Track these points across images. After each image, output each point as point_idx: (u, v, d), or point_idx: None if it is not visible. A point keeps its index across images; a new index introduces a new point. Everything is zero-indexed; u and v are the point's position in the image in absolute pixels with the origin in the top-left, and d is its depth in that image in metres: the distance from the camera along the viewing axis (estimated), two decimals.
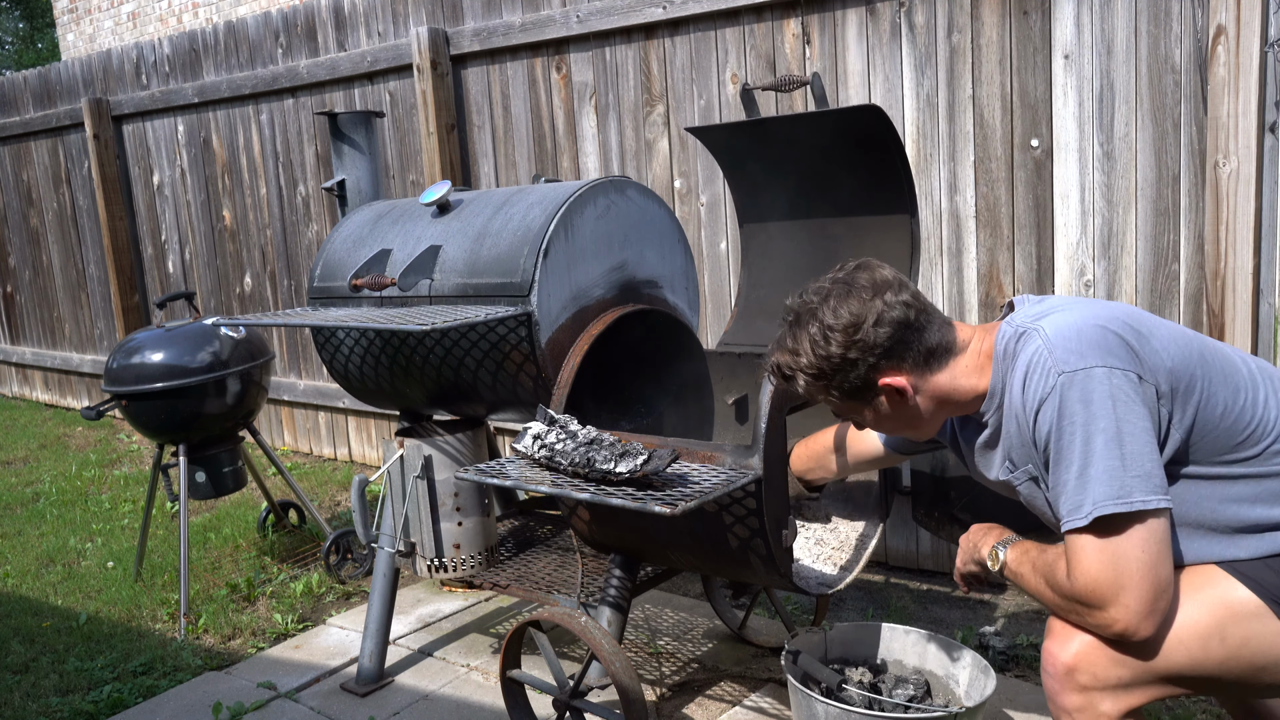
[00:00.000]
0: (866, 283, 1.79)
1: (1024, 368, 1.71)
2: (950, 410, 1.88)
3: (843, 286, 1.81)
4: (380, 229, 2.92)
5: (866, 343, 1.77)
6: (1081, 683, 1.66)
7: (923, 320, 1.80)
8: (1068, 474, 1.63)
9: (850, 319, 1.77)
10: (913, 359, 1.80)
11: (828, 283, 1.84)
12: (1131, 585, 1.58)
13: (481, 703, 2.92)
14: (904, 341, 1.79)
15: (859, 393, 1.83)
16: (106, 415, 4.65)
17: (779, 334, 1.90)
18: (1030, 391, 1.69)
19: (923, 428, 1.91)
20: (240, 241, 5.77)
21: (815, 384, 1.84)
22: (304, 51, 5.15)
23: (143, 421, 3.63)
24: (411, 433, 2.96)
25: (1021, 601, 3.34)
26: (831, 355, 1.79)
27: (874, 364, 1.79)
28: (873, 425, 1.92)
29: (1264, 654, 1.63)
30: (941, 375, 1.83)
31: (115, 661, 3.30)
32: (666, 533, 2.37)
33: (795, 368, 1.84)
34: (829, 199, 2.87)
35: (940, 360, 1.82)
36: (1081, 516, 1.60)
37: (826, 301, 1.80)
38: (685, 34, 3.83)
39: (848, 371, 1.80)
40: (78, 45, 12.57)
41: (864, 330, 1.76)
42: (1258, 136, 2.77)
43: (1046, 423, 1.66)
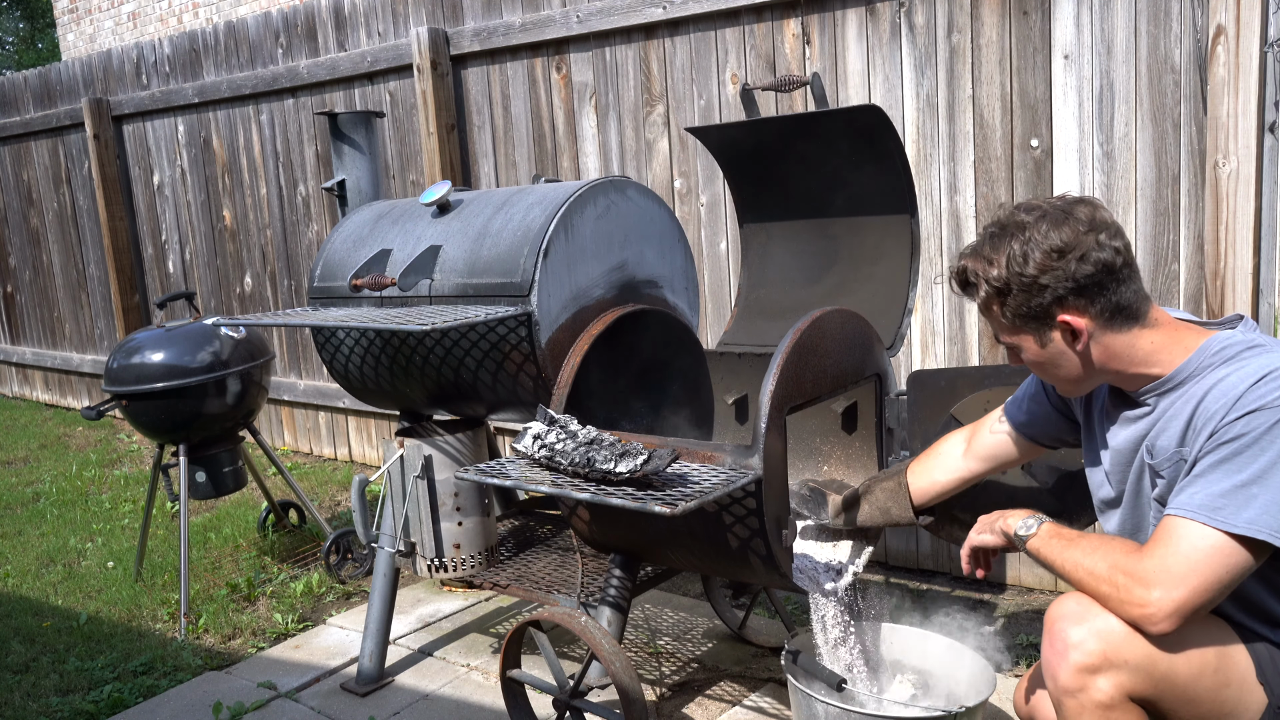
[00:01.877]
0: (1085, 217, 1.75)
1: (1259, 370, 1.67)
2: (1108, 377, 1.85)
3: (1059, 213, 1.76)
4: (380, 229, 2.93)
5: (1065, 273, 1.72)
6: (1084, 660, 1.67)
7: (1125, 274, 1.75)
8: (1228, 477, 1.63)
9: (1059, 244, 1.72)
10: (1100, 306, 1.75)
11: (1045, 205, 1.79)
12: (1188, 589, 1.61)
13: (481, 703, 2.92)
14: (1100, 285, 1.74)
15: (1034, 320, 1.79)
16: (107, 415, 4.65)
17: (976, 241, 1.85)
18: (1256, 392, 1.65)
19: (1075, 381, 1.86)
20: (240, 241, 5.77)
21: (995, 298, 1.80)
22: (304, 51, 5.15)
23: (143, 421, 3.63)
24: (411, 433, 2.96)
25: (1021, 601, 3.34)
26: (1025, 273, 1.74)
27: (1061, 296, 1.74)
28: (1029, 360, 1.87)
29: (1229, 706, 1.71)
30: (1121, 336, 1.78)
31: (115, 661, 3.30)
32: (666, 533, 2.37)
33: (983, 276, 1.79)
34: (829, 199, 2.87)
35: (1126, 321, 1.77)
36: (1218, 519, 1.61)
37: (1039, 222, 1.75)
38: (685, 34, 3.83)
39: (1034, 295, 1.75)
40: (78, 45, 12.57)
41: (1067, 259, 1.72)
42: (1257, 136, 2.77)
43: (1250, 426, 1.64)
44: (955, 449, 2.27)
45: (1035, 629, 3.10)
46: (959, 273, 1.86)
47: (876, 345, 2.59)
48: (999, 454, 2.21)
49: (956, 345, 3.40)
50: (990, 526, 1.96)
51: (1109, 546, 1.73)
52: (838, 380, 2.42)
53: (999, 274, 1.77)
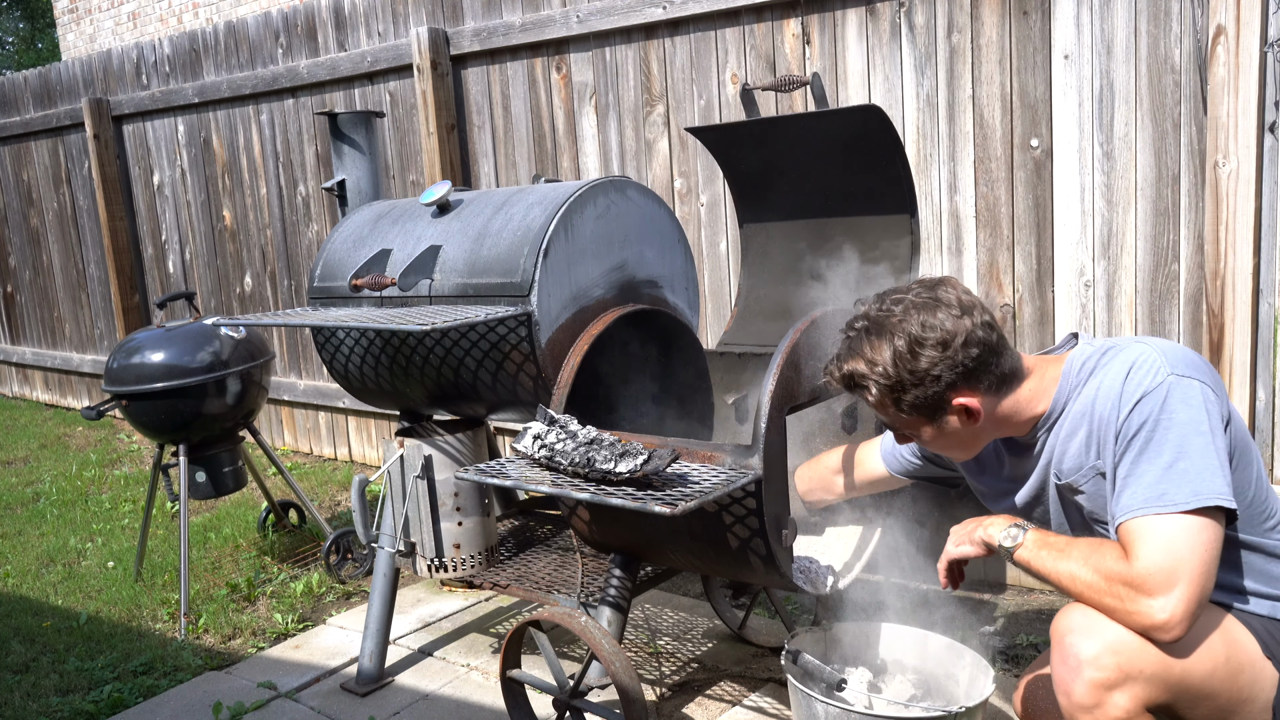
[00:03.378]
0: (953, 300, 1.81)
1: (1125, 366, 1.75)
2: (1001, 432, 1.93)
3: (929, 300, 1.81)
4: (380, 229, 2.93)
5: (953, 360, 1.78)
6: (1101, 677, 1.66)
7: (1001, 345, 1.83)
8: (1153, 464, 1.67)
9: (942, 335, 1.78)
10: (988, 382, 1.83)
11: (909, 295, 1.83)
12: (1186, 580, 1.62)
13: (481, 703, 2.92)
14: (985, 364, 1.81)
15: (929, 409, 1.84)
16: (107, 415, 4.65)
17: (847, 341, 1.89)
18: (1133, 384, 1.72)
19: (971, 448, 1.95)
20: (240, 241, 5.77)
21: (886, 395, 1.84)
22: (304, 51, 5.15)
23: (143, 421, 3.63)
24: (411, 433, 2.96)
25: (1021, 601, 3.34)
26: (917, 369, 1.79)
27: (953, 382, 1.80)
28: (927, 442, 1.94)
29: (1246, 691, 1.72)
30: (1008, 400, 1.86)
31: (115, 661, 3.30)
32: (666, 533, 2.37)
33: (871, 377, 1.84)
34: (829, 199, 2.87)
35: (1009, 385, 1.86)
36: (1166, 504, 1.64)
37: (911, 314, 1.80)
38: (685, 34, 3.83)
39: (927, 387, 1.80)
40: (78, 45, 12.57)
41: (953, 347, 1.78)
42: (1257, 136, 2.77)
43: (1144, 414, 1.70)
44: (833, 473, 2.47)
45: (1035, 629, 3.10)
46: (843, 377, 1.90)
47: None
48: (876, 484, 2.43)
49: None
50: (969, 537, 1.94)
51: (1100, 553, 1.72)
52: None
53: (885, 372, 1.82)
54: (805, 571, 2.50)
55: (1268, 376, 2.90)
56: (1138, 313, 3.06)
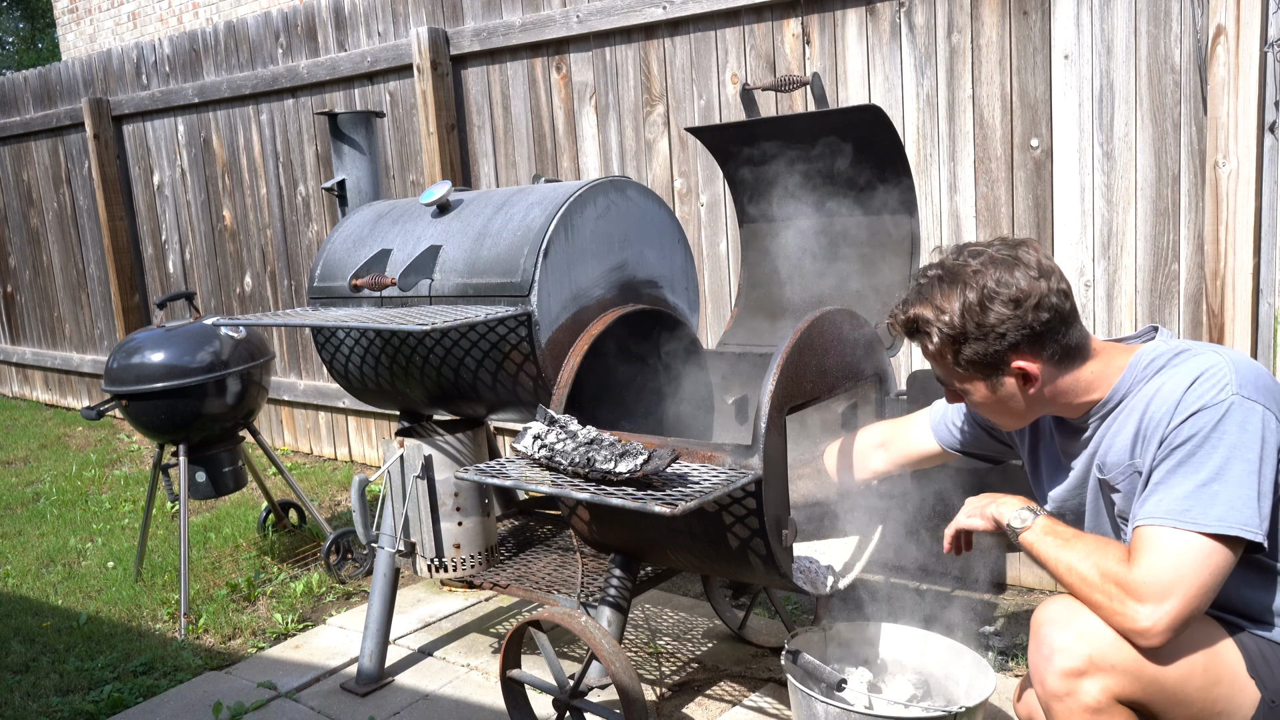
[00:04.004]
0: (1033, 262, 1.76)
1: (1192, 373, 1.70)
2: (1055, 409, 1.88)
3: (1008, 257, 1.77)
4: (380, 229, 2.93)
5: (1022, 321, 1.74)
6: (1071, 665, 1.67)
7: (1073, 317, 1.79)
8: (1188, 479, 1.65)
9: (1017, 292, 1.74)
10: (1052, 351, 1.78)
11: (990, 249, 1.80)
12: (1178, 598, 1.61)
13: (481, 703, 2.92)
14: (1053, 331, 1.77)
15: (987, 367, 1.80)
16: (107, 415, 4.65)
17: (918, 287, 1.85)
18: (1194, 394, 1.68)
19: (1021, 418, 1.90)
20: (240, 241, 5.77)
21: (946, 345, 1.81)
22: (304, 51, 5.15)
23: (143, 421, 3.63)
24: (411, 433, 2.96)
25: (1021, 601, 3.34)
26: (984, 323, 1.75)
27: (1017, 343, 1.76)
28: (975, 403, 1.89)
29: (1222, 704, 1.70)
30: (1068, 376, 1.82)
31: (115, 661, 3.30)
32: (666, 533, 2.37)
33: (935, 323, 1.79)
34: (829, 199, 2.87)
35: (1073, 361, 1.81)
36: (1187, 521, 1.62)
37: (989, 267, 1.76)
38: (685, 34, 3.83)
39: (990, 343, 1.76)
40: (78, 45, 12.57)
41: (1024, 307, 1.74)
42: (1258, 136, 2.77)
43: (1196, 427, 1.66)
44: (872, 448, 2.36)
45: None
46: (908, 320, 1.85)
47: (876, 345, 2.59)
48: (918, 461, 2.31)
49: None
50: (980, 511, 1.94)
51: (1103, 552, 1.72)
52: (838, 380, 2.42)
53: (953, 321, 1.77)
54: (805, 571, 2.50)
55: None
56: (1138, 313, 3.06)
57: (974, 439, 2.21)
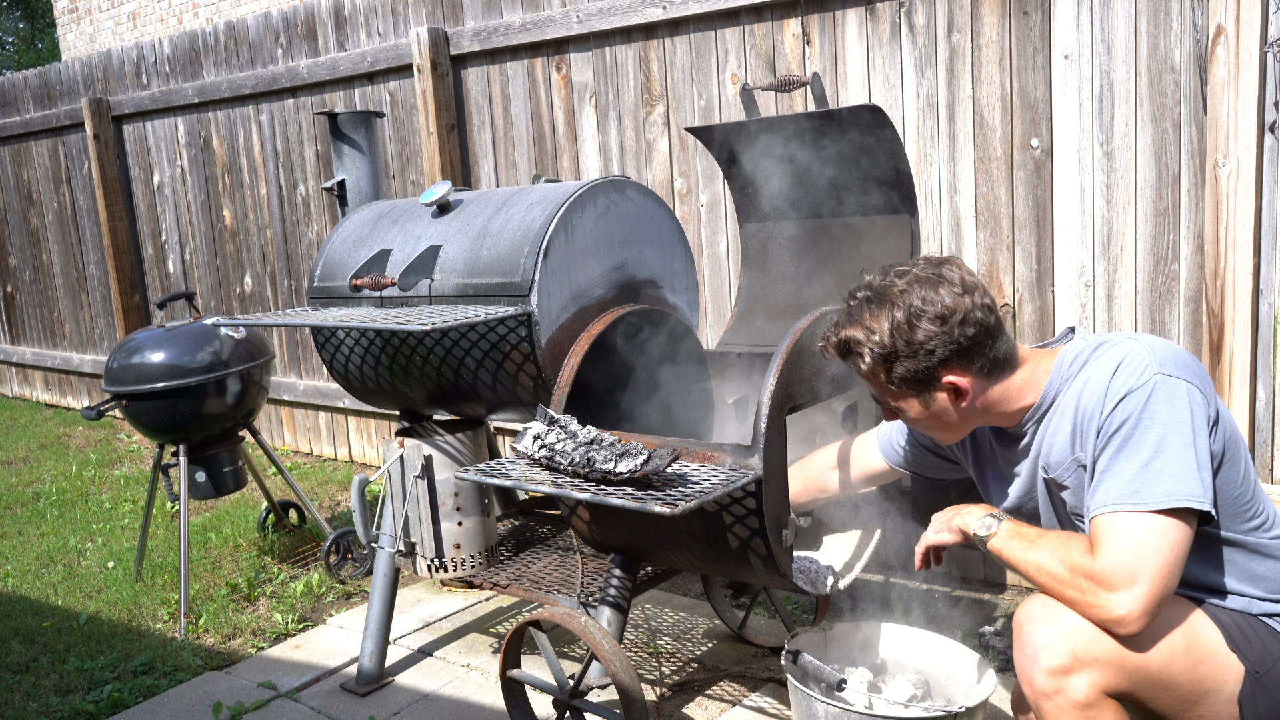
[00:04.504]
0: (956, 279, 1.82)
1: (1114, 362, 1.76)
2: (990, 419, 1.93)
3: (932, 276, 1.82)
4: (380, 229, 2.93)
5: (950, 336, 1.79)
6: (1056, 662, 1.69)
7: (999, 330, 1.84)
8: (1129, 462, 1.69)
9: (942, 310, 1.79)
10: (980, 364, 1.84)
11: (914, 269, 1.84)
12: (1148, 579, 1.63)
13: (481, 703, 2.92)
14: (980, 345, 1.82)
15: (919, 383, 1.85)
16: (106, 415, 4.65)
17: (847, 308, 1.90)
18: (1119, 380, 1.73)
19: (957, 431, 1.95)
20: (240, 241, 5.77)
21: (878, 365, 1.85)
22: (304, 51, 5.15)
23: (143, 421, 3.63)
24: (411, 433, 2.96)
25: (1021, 601, 3.34)
26: (912, 341, 1.80)
27: (945, 359, 1.81)
28: (910, 419, 1.94)
29: (1208, 682, 1.72)
30: (998, 386, 1.87)
31: (115, 661, 3.30)
32: (666, 533, 2.37)
33: (865, 344, 1.84)
34: (829, 199, 2.87)
35: (1001, 371, 1.86)
36: (1137, 502, 1.66)
37: (915, 286, 1.81)
38: (685, 34, 3.83)
39: (920, 360, 1.81)
40: (78, 45, 12.57)
41: (951, 324, 1.79)
42: (1258, 136, 2.77)
43: (1127, 411, 1.71)
44: (827, 469, 2.43)
45: None
46: (839, 342, 1.90)
47: None
48: (874, 478, 2.38)
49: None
50: (947, 525, 1.97)
51: (1068, 546, 1.74)
52: (838, 380, 2.42)
53: (883, 340, 1.82)
54: (805, 571, 2.50)
55: (1268, 376, 2.90)
56: (1138, 313, 3.06)
57: (918, 458, 2.28)
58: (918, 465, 2.30)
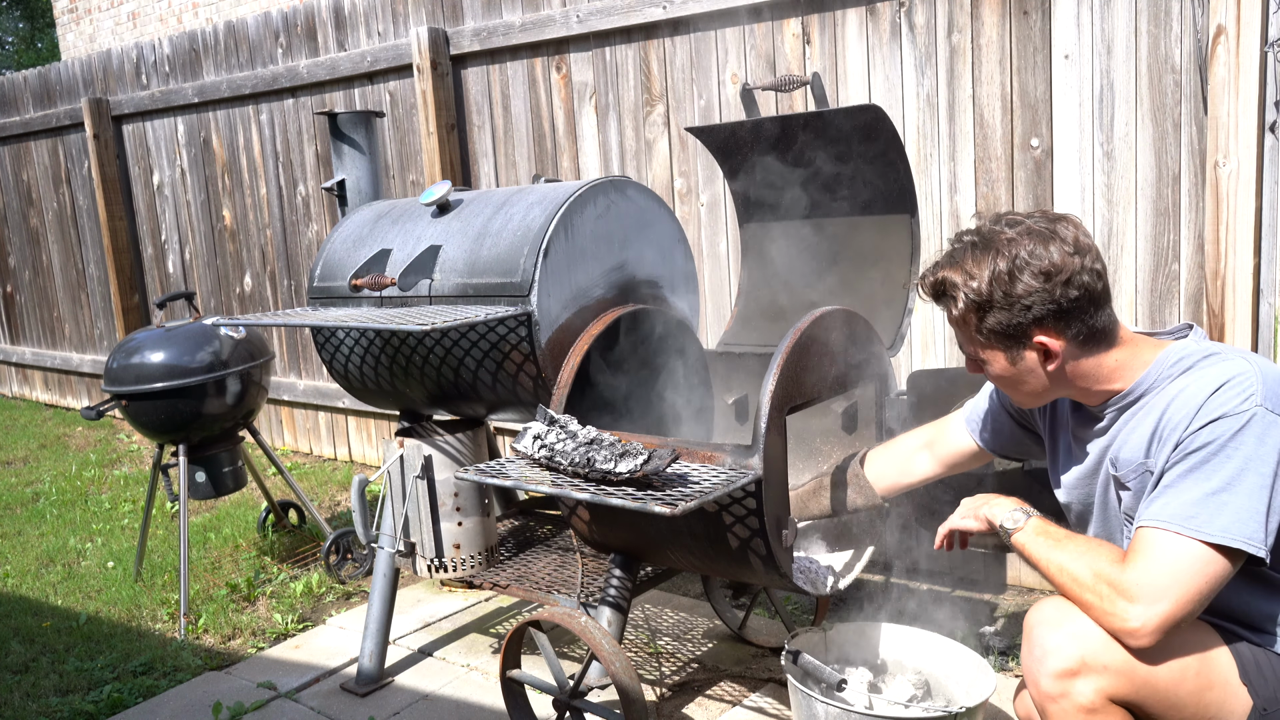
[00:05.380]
0: (1070, 238, 1.73)
1: (1219, 379, 1.67)
2: (1072, 393, 1.85)
3: (1045, 231, 1.74)
4: (380, 229, 2.92)
5: (1050, 295, 1.71)
6: (1063, 666, 1.67)
7: (1104, 299, 1.76)
8: (1199, 486, 1.63)
9: (1048, 265, 1.71)
10: (1077, 330, 1.75)
11: (1028, 220, 1.77)
12: (1170, 602, 1.61)
13: (481, 703, 2.92)
14: (1081, 310, 1.74)
15: (1009, 337, 1.77)
16: (106, 415, 4.65)
17: (950, 251, 1.83)
18: (1217, 400, 1.65)
19: (1037, 397, 1.87)
20: (240, 241, 5.77)
21: (971, 311, 1.78)
22: (304, 51, 5.15)
23: (143, 421, 3.63)
24: (411, 433, 2.96)
25: (1021, 601, 3.34)
26: (1011, 293, 1.72)
27: (1041, 317, 1.73)
28: (994, 374, 1.86)
29: (1214, 709, 1.69)
30: (1090, 359, 1.78)
31: (115, 661, 3.30)
32: (666, 533, 2.37)
33: (963, 288, 1.77)
34: (829, 199, 2.87)
35: (1097, 344, 1.78)
36: (1191, 528, 1.61)
37: (1024, 238, 1.73)
38: (685, 34, 3.83)
39: (1015, 314, 1.74)
40: (78, 45, 12.56)
41: (1054, 282, 1.71)
42: (1258, 136, 2.77)
43: (1214, 434, 1.64)
44: (915, 450, 2.29)
45: None
46: (936, 283, 1.83)
47: (877, 345, 2.59)
48: (960, 461, 2.24)
49: (956, 345, 3.39)
50: (975, 512, 1.94)
51: (1095, 553, 1.71)
52: (838, 380, 2.42)
53: (980, 288, 1.75)
54: (805, 571, 2.50)
55: None
56: (1138, 313, 3.06)
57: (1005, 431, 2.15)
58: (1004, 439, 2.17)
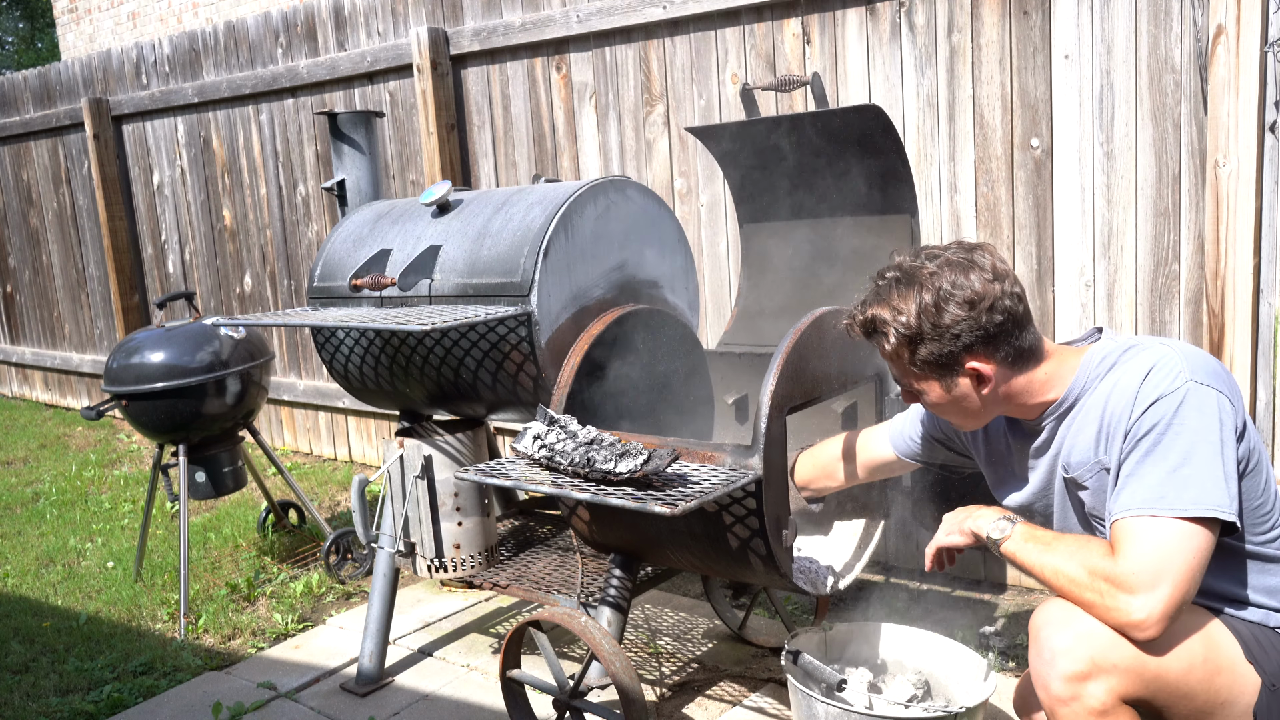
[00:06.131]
0: (987, 265, 1.80)
1: (1145, 366, 1.74)
2: (1010, 410, 1.92)
3: (963, 260, 1.81)
4: (380, 229, 2.92)
5: (977, 322, 1.78)
6: (1074, 668, 1.67)
7: (1026, 320, 1.83)
8: (1157, 467, 1.68)
9: (971, 294, 1.78)
10: (1005, 352, 1.82)
11: (946, 253, 1.84)
12: (1169, 584, 1.63)
13: (481, 703, 2.92)
14: (1007, 333, 1.81)
15: (942, 367, 1.84)
16: (106, 415, 4.65)
17: (875, 288, 1.89)
18: (1150, 385, 1.72)
19: (975, 419, 1.94)
20: (240, 241, 5.77)
21: (903, 346, 1.84)
22: (304, 51, 5.15)
23: (143, 421, 3.63)
24: (411, 433, 2.96)
25: (1021, 601, 3.34)
26: (939, 324, 1.79)
27: (971, 344, 1.80)
28: (931, 403, 1.92)
29: (1225, 693, 1.71)
30: (1021, 377, 1.86)
31: (115, 661, 3.30)
32: (666, 533, 2.37)
33: (892, 323, 1.83)
34: (829, 199, 2.87)
35: (1025, 363, 1.85)
36: (1164, 507, 1.65)
37: (945, 270, 1.80)
38: (685, 34, 3.83)
39: (945, 344, 1.80)
40: (78, 45, 12.56)
41: (978, 309, 1.78)
42: (1258, 136, 2.77)
43: (1157, 416, 1.70)
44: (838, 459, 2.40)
45: None
46: (865, 320, 1.89)
47: None
48: (881, 469, 2.36)
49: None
50: (959, 527, 1.96)
51: (1086, 550, 1.73)
52: (838, 380, 2.42)
53: (910, 322, 1.81)
54: (805, 571, 2.50)
55: (1268, 376, 2.90)
56: (1138, 313, 3.06)
57: (930, 450, 2.25)
58: (928, 457, 2.27)
